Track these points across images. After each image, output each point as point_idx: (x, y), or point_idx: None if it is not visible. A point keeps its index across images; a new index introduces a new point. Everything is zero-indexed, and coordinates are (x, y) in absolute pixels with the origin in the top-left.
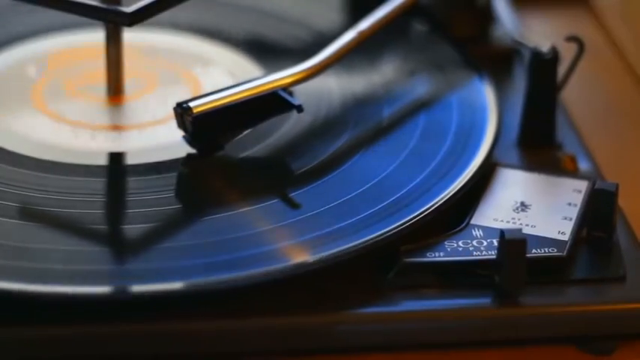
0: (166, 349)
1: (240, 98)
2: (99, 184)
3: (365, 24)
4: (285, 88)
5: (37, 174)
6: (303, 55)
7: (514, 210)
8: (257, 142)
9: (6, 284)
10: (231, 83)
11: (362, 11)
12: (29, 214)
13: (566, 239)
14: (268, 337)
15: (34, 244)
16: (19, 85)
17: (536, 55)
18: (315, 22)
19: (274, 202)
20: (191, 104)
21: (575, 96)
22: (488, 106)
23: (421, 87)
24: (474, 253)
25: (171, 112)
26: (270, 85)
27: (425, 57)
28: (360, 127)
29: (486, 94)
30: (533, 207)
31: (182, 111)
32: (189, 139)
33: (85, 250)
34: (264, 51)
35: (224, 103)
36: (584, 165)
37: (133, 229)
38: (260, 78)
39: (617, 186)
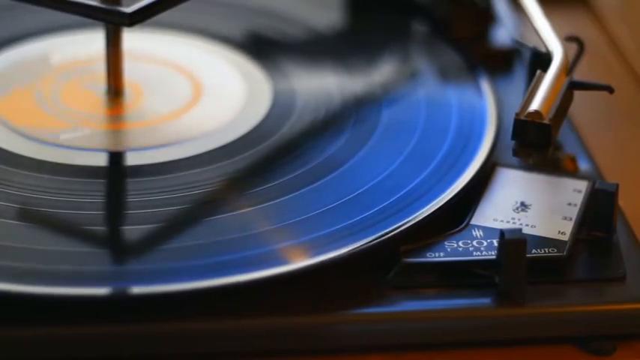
0: (166, 349)
1: (557, 95)
2: (99, 184)
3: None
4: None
5: (37, 174)
6: (303, 54)
7: (514, 210)
8: (257, 142)
9: (6, 285)
10: (231, 83)
11: (362, 11)
12: (29, 214)
13: (566, 239)
14: (268, 337)
15: (34, 245)
16: (20, 85)
17: (536, 55)
18: (314, 22)
19: (274, 203)
20: (535, 108)
21: (576, 96)
22: (488, 106)
23: (421, 87)
24: (474, 253)
25: (171, 112)
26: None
27: (425, 57)
28: (360, 127)
29: (486, 94)
30: (533, 207)
31: (531, 117)
32: (530, 147)
33: (85, 251)
34: (264, 50)
35: (556, 102)
36: (584, 165)
37: (133, 229)
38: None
39: (617, 186)
